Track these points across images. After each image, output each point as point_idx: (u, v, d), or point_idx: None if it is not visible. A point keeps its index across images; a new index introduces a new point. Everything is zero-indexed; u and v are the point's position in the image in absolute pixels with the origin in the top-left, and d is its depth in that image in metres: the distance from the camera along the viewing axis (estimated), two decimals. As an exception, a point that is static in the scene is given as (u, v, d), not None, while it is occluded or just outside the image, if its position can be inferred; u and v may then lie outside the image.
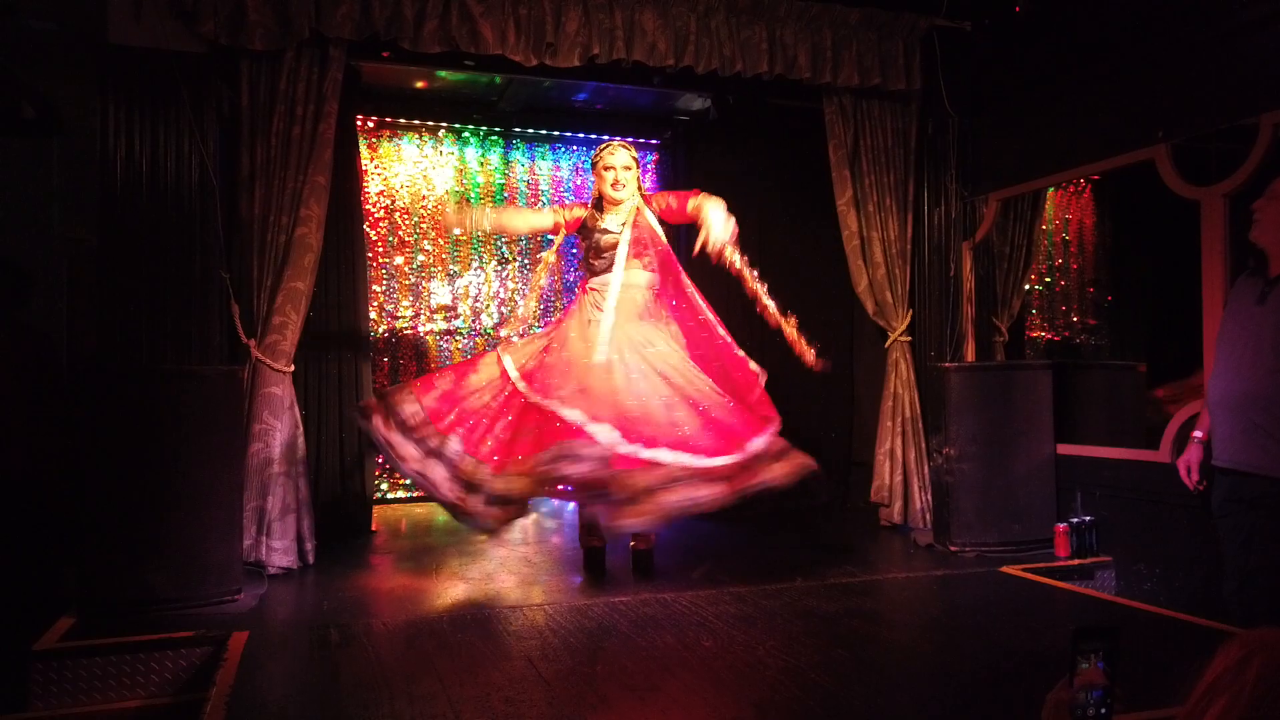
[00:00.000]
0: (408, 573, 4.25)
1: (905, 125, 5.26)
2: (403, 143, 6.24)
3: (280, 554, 4.12)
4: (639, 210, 4.11)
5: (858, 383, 5.91)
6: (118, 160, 4.06)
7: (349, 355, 5.11)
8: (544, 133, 6.49)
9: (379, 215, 6.15)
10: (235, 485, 3.81)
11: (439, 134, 6.31)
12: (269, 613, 3.61)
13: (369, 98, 5.68)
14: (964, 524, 4.54)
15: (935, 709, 2.65)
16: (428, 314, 6.27)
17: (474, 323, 6.34)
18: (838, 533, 5.15)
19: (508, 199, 6.42)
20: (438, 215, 6.21)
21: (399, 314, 6.20)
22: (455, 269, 6.33)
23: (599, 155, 4.17)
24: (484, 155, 6.43)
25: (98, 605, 3.45)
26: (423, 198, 6.26)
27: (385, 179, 6.19)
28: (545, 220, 4.26)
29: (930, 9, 5.00)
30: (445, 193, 6.25)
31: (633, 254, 4.06)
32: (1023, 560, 4.35)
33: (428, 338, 6.26)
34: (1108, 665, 1.28)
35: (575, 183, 6.59)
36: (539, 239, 6.26)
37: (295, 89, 4.24)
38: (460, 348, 6.30)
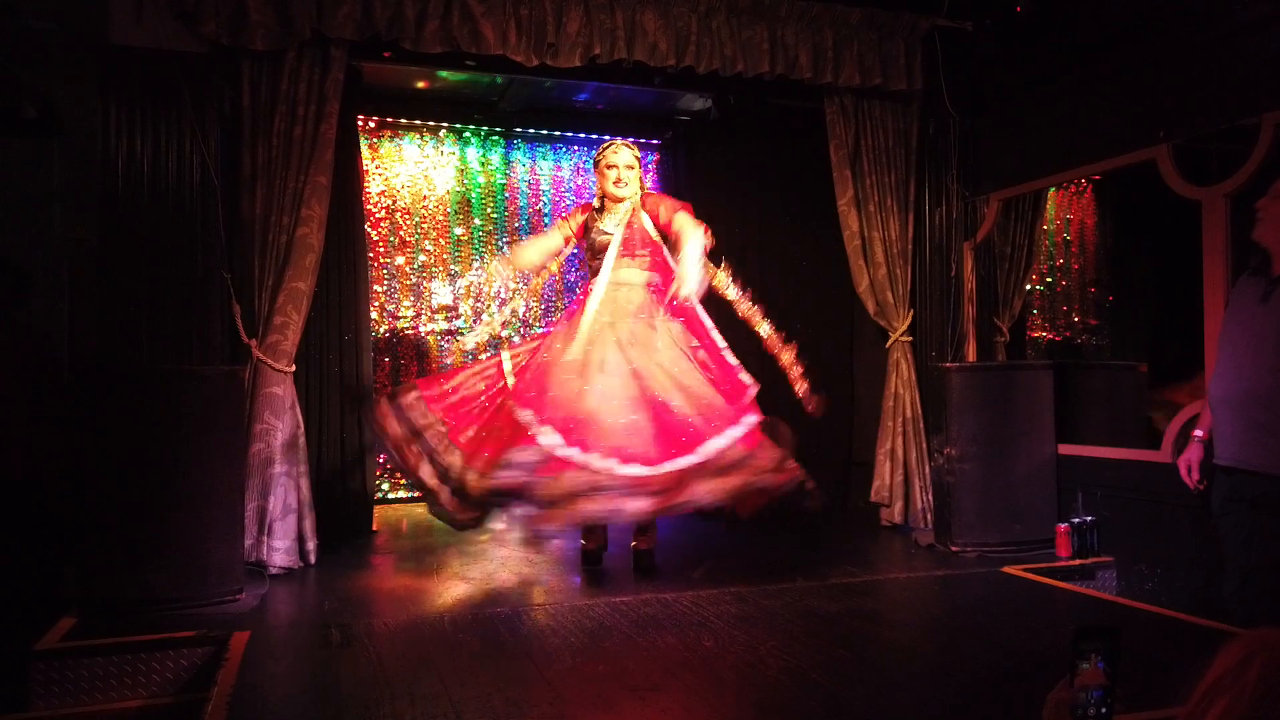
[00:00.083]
0: (409, 573, 4.25)
1: (906, 125, 5.27)
2: (404, 143, 6.24)
3: (281, 554, 4.12)
4: (635, 210, 4.13)
5: (858, 383, 5.90)
6: (119, 160, 4.07)
7: (350, 355, 5.11)
8: (545, 133, 6.48)
9: (380, 215, 6.15)
10: (236, 485, 3.81)
11: (440, 134, 6.31)
12: (270, 613, 3.62)
13: (370, 98, 5.68)
14: (965, 524, 4.54)
15: (936, 709, 2.65)
16: (429, 314, 6.27)
17: (476, 323, 6.34)
18: (838, 533, 5.15)
19: (508, 199, 6.43)
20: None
21: (400, 314, 6.20)
22: (456, 269, 6.33)
23: (602, 154, 4.19)
24: (485, 155, 6.43)
25: (98, 605, 3.45)
26: (424, 198, 6.27)
27: (386, 179, 6.19)
28: (554, 240, 4.28)
29: (931, 9, 5.00)
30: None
31: (622, 253, 4.06)
32: (1024, 560, 4.34)
33: (429, 338, 6.26)
34: (1108, 665, 1.28)
35: (576, 183, 6.58)
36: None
37: (297, 89, 4.25)
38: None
